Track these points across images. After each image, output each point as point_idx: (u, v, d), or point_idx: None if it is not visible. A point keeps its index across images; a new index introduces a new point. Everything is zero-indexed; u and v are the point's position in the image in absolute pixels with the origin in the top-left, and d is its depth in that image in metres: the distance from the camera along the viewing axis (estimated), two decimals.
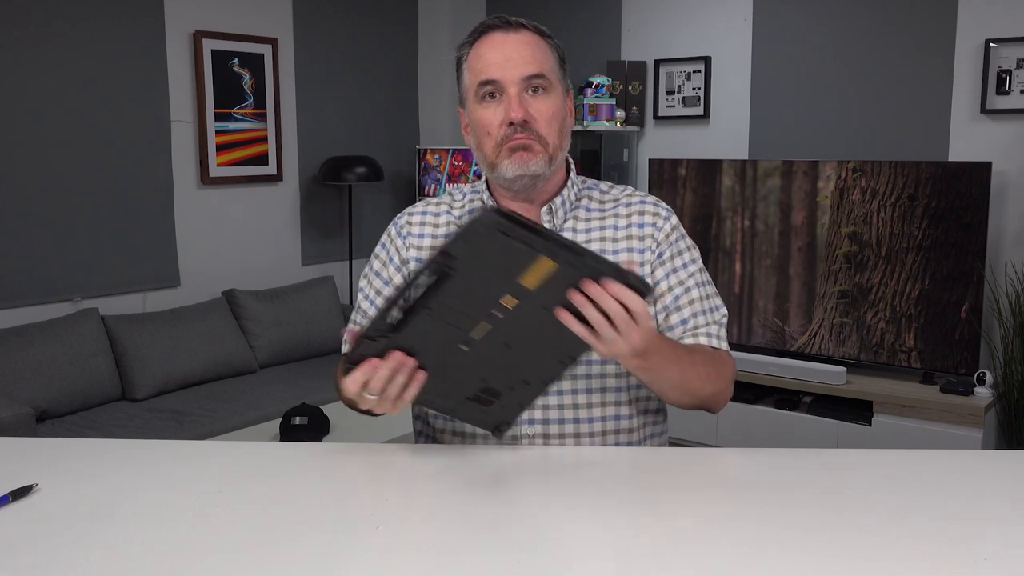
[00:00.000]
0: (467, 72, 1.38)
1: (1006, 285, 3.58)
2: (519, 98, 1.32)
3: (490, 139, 1.35)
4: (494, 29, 1.36)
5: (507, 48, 1.34)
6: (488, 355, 1.11)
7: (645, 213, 1.44)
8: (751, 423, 3.82)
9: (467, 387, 1.16)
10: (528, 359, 1.14)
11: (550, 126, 1.35)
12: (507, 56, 1.33)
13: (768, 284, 3.98)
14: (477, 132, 1.37)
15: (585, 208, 1.45)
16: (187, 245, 4.19)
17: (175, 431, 3.34)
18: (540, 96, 1.34)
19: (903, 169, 3.62)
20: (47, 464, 1.25)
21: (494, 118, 1.34)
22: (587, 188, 1.48)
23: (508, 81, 1.33)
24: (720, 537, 1.00)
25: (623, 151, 4.55)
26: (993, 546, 0.98)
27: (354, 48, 4.83)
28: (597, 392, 1.37)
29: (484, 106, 1.35)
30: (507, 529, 1.02)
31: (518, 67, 1.33)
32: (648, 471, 1.22)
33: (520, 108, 1.32)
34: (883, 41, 3.85)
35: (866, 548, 0.97)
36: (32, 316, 3.61)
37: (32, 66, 3.61)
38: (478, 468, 1.22)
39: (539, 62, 1.35)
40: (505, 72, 1.33)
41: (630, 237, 1.41)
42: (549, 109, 1.35)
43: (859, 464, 1.25)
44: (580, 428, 1.36)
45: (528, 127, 1.33)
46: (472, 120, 1.38)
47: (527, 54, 1.34)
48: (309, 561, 0.95)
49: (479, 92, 1.35)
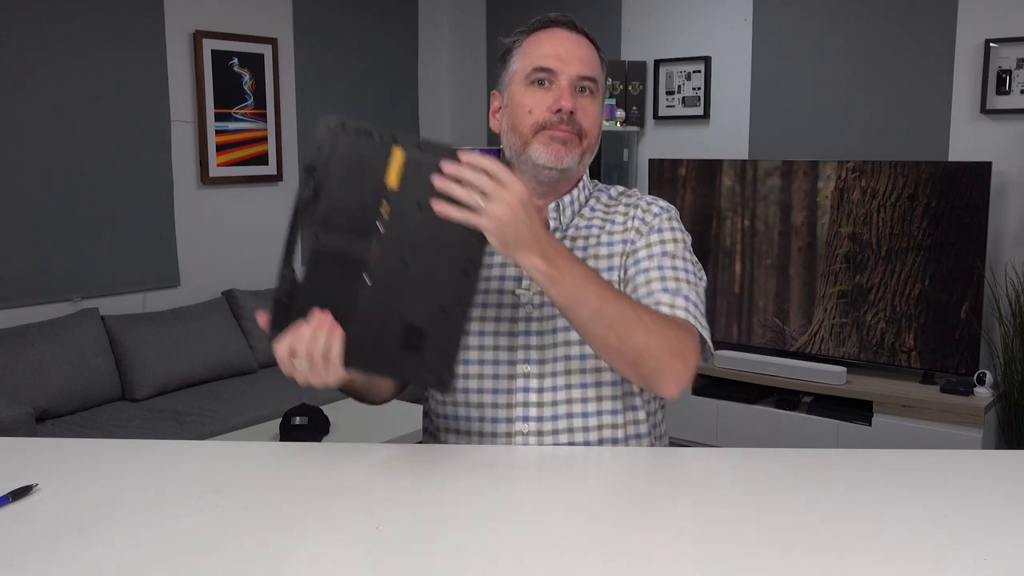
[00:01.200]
0: (519, 57, 1.39)
1: (1006, 285, 3.58)
2: (571, 90, 1.35)
3: (530, 117, 1.36)
4: (559, 25, 1.39)
5: (568, 45, 1.37)
6: (392, 281, 1.12)
7: (639, 207, 1.45)
8: (751, 423, 3.82)
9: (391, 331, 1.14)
10: (430, 276, 1.13)
11: (593, 125, 1.38)
12: (567, 52, 1.37)
13: (768, 284, 3.98)
14: (516, 112, 1.38)
15: (590, 208, 1.46)
16: (187, 245, 4.19)
17: (175, 431, 3.34)
18: (588, 96, 1.38)
19: (903, 169, 3.62)
20: (47, 464, 1.25)
21: (541, 102, 1.35)
22: (597, 190, 1.49)
23: (564, 75, 1.35)
24: (720, 537, 1.00)
25: (623, 151, 4.55)
26: (993, 546, 0.98)
27: (354, 48, 4.83)
28: (592, 387, 1.37)
29: (532, 90, 1.36)
30: (507, 529, 1.02)
31: (575, 64, 1.36)
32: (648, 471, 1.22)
33: (571, 98, 1.35)
34: (883, 41, 3.85)
35: (866, 548, 0.97)
36: (32, 316, 3.61)
37: (32, 66, 3.61)
38: (478, 468, 1.22)
39: (594, 68, 1.39)
40: (563, 65, 1.36)
41: (626, 230, 1.42)
42: (595, 110, 1.39)
43: (859, 464, 1.25)
44: (573, 423, 1.36)
45: (573, 119, 1.35)
46: (513, 102, 1.38)
47: (586, 55, 1.38)
48: (309, 561, 0.95)
49: (530, 76, 1.36)
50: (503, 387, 1.36)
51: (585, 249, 1.41)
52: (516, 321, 1.36)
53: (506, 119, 1.40)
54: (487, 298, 1.38)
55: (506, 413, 1.36)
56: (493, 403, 1.36)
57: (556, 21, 1.40)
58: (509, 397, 1.35)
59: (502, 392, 1.36)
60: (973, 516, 1.06)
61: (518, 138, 1.37)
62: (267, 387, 3.85)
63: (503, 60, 1.42)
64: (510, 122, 1.39)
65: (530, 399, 1.35)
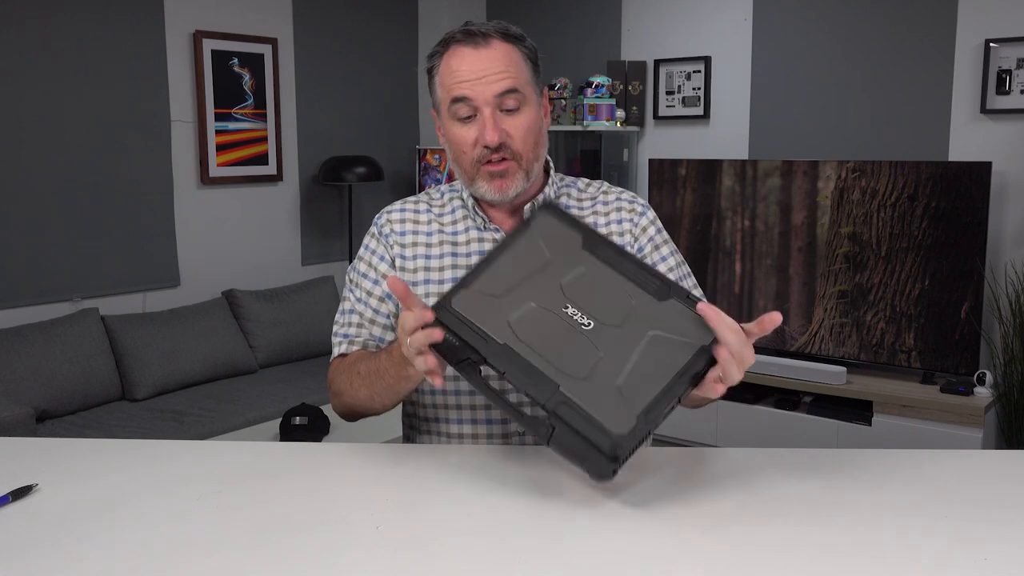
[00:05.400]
0: (439, 86, 1.37)
1: (1006, 285, 3.58)
2: (493, 119, 1.31)
3: (466, 157, 1.35)
4: (463, 44, 1.33)
5: (477, 64, 1.31)
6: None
7: (622, 209, 1.46)
8: (751, 423, 3.82)
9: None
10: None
11: (526, 142, 1.34)
12: (478, 73, 1.31)
13: (768, 284, 3.98)
14: (453, 148, 1.38)
15: (563, 206, 1.45)
16: (187, 245, 4.19)
17: (175, 431, 3.34)
18: (514, 114, 1.33)
19: (903, 169, 3.62)
20: (47, 464, 1.25)
21: (468, 137, 1.34)
22: (565, 186, 1.49)
23: (481, 101, 1.31)
24: (720, 537, 1.00)
25: (623, 151, 4.55)
26: (993, 546, 0.98)
27: (354, 48, 4.83)
28: None
29: (459, 126, 1.34)
30: (507, 529, 1.02)
31: (491, 84, 1.31)
32: (647, 471, 1.22)
33: (495, 131, 1.31)
34: (883, 41, 3.86)
35: (866, 548, 0.97)
36: (32, 316, 3.61)
37: (32, 66, 3.61)
38: (478, 468, 1.22)
39: (512, 76, 1.32)
40: (477, 90, 1.31)
41: (610, 234, 1.43)
42: (524, 124, 1.34)
43: (859, 464, 1.25)
44: None
45: (504, 147, 1.33)
46: (448, 135, 1.38)
47: (499, 68, 1.31)
48: (309, 561, 0.95)
49: (452, 110, 1.34)
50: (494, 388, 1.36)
51: None
52: None
53: (448, 149, 1.40)
54: None
55: (500, 414, 1.36)
56: (485, 404, 1.36)
57: (459, 40, 1.33)
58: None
59: None
60: (973, 516, 1.06)
61: (464, 174, 1.38)
62: (267, 387, 3.85)
63: (429, 85, 1.40)
64: (452, 156, 1.39)
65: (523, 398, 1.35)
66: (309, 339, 4.35)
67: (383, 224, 1.46)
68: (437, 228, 1.44)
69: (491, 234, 1.42)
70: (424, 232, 1.44)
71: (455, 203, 1.46)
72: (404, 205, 1.48)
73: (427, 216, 1.45)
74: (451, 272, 1.40)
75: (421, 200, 1.48)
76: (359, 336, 1.41)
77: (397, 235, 1.44)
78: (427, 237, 1.43)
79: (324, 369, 4.44)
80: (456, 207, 1.45)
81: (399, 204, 1.48)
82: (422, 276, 1.40)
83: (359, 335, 1.41)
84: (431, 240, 1.43)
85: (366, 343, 1.41)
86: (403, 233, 1.44)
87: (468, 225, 1.43)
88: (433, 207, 1.47)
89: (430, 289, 1.39)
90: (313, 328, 4.36)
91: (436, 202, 1.47)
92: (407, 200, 1.49)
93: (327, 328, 4.37)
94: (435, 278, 1.40)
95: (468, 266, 1.39)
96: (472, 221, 1.43)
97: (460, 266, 1.40)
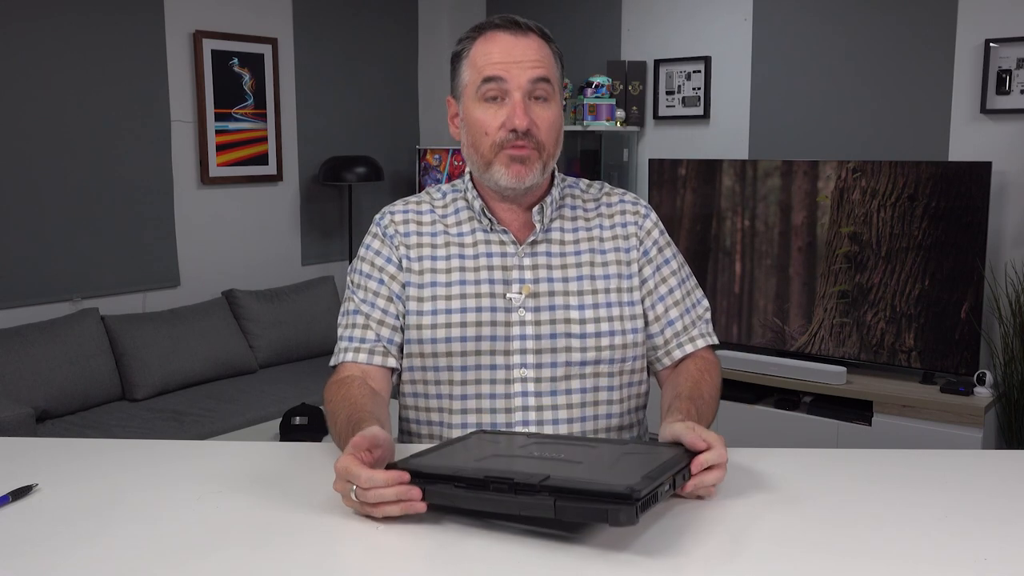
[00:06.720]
0: (468, 67, 1.36)
1: (1006, 285, 3.58)
2: (524, 104, 1.31)
3: (488, 139, 1.34)
4: (502, 29, 1.35)
5: (515, 50, 1.33)
6: None
7: (626, 212, 1.46)
8: (751, 423, 3.82)
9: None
10: None
11: (550, 134, 1.35)
12: (515, 57, 1.32)
13: (768, 284, 3.98)
14: (473, 131, 1.36)
15: (570, 207, 1.45)
16: (187, 245, 4.19)
17: (175, 431, 3.34)
18: (543, 103, 1.34)
19: (903, 169, 3.62)
20: (47, 464, 1.25)
21: (495, 120, 1.33)
22: (568, 187, 1.49)
23: (514, 84, 1.31)
24: (720, 537, 1.00)
25: (623, 151, 4.55)
26: (993, 546, 0.98)
27: (354, 48, 4.83)
28: (591, 391, 1.37)
29: (485, 107, 1.33)
30: (507, 529, 1.02)
31: (526, 69, 1.32)
32: None
33: (525, 116, 1.31)
34: (883, 41, 3.85)
35: (866, 548, 0.97)
36: (32, 316, 3.61)
37: (32, 66, 3.61)
38: None
39: (545, 66, 1.34)
40: (512, 72, 1.32)
41: (615, 237, 1.44)
42: (551, 117, 1.35)
43: (859, 464, 1.25)
44: (573, 425, 1.36)
45: (530, 135, 1.32)
46: (469, 118, 1.36)
47: (535, 55, 1.33)
48: (309, 561, 0.95)
49: (481, 90, 1.33)
50: (501, 392, 1.36)
51: (578, 255, 1.41)
52: (510, 325, 1.36)
53: (465, 134, 1.39)
54: (480, 302, 1.37)
55: (505, 418, 1.36)
56: (491, 408, 1.36)
57: (500, 26, 1.35)
58: (508, 402, 1.36)
59: (500, 397, 1.36)
60: (973, 516, 1.06)
61: (480, 158, 1.36)
62: (267, 387, 3.85)
63: (453, 66, 1.40)
64: (469, 140, 1.37)
65: (528, 403, 1.35)
66: (309, 339, 4.35)
67: (387, 224, 1.44)
68: (441, 229, 1.42)
69: (498, 235, 1.40)
70: (428, 233, 1.42)
71: (458, 203, 1.44)
72: (406, 205, 1.46)
73: (430, 216, 1.44)
74: (458, 275, 1.38)
75: (423, 200, 1.47)
76: (365, 340, 1.39)
77: (402, 236, 1.42)
78: (432, 238, 1.42)
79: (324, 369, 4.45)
80: (460, 208, 1.44)
81: (400, 204, 1.47)
82: (428, 278, 1.39)
83: (365, 338, 1.39)
84: (436, 241, 1.41)
85: (373, 348, 1.39)
86: (407, 234, 1.42)
87: (474, 227, 1.42)
88: (436, 207, 1.45)
89: (437, 292, 1.38)
90: (313, 328, 4.36)
91: (438, 202, 1.46)
92: (408, 200, 1.47)
93: (327, 328, 4.38)
94: (442, 280, 1.38)
95: (476, 268, 1.38)
96: (478, 223, 1.42)
97: (468, 268, 1.39)
